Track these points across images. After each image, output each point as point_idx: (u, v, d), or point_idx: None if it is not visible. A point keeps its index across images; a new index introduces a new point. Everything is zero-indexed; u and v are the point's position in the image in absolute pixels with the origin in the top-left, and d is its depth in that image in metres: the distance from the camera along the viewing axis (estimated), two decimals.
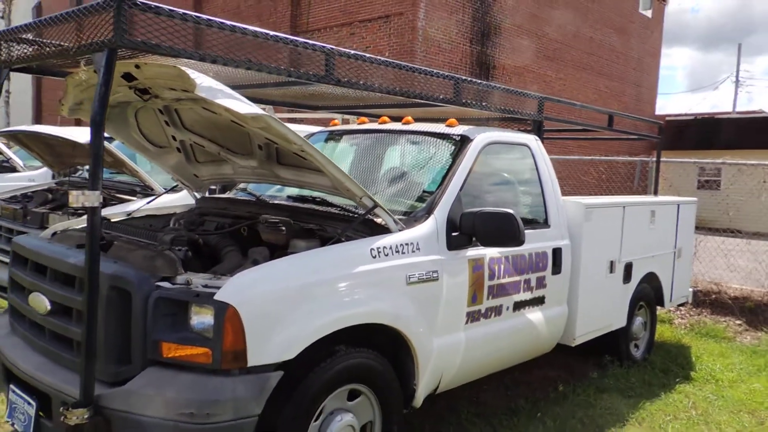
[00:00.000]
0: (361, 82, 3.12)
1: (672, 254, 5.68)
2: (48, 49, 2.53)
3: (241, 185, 4.23)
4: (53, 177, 7.80)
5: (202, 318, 2.37)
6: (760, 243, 8.30)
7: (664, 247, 5.54)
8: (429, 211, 3.26)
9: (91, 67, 2.73)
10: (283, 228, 3.08)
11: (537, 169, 4.14)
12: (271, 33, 2.69)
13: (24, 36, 2.72)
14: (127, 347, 2.40)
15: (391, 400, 2.94)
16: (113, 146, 4.93)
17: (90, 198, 2.22)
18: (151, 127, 3.51)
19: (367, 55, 3.14)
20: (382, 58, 3.22)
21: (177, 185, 4.38)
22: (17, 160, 7.47)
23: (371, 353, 2.84)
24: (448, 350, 3.25)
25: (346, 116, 6.64)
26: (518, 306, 3.75)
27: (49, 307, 2.62)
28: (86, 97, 3.18)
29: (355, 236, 2.93)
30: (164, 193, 4.34)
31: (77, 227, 3.43)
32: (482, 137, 3.75)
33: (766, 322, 6.90)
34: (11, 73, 3.14)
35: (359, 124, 4.38)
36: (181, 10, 2.38)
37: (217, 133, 3.32)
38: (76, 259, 2.57)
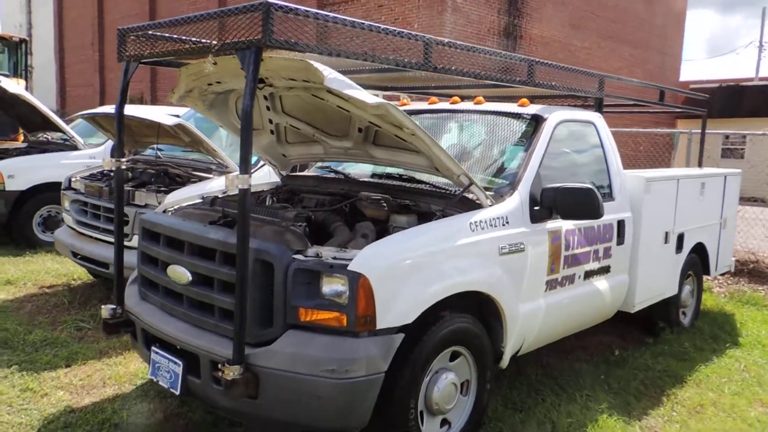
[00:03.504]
0: (453, 68, 3.35)
1: (718, 225, 5.91)
2: (187, 45, 2.79)
3: (319, 163, 4.51)
4: (111, 155, 8.13)
5: (334, 286, 2.67)
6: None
7: (712, 218, 5.77)
8: (513, 187, 3.52)
9: (212, 60, 3.00)
10: (385, 204, 3.36)
11: (602, 144, 4.38)
12: (382, 26, 2.93)
13: (153, 32, 2.98)
14: (269, 313, 2.71)
15: (485, 360, 3.25)
16: (191, 125, 5.21)
17: (242, 180, 2.50)
18: None
19: (459, 42, 3.37)
20: (471, 45, 3.44)
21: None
22: (78, 139, 7.78)
23: (470, 318, 3.14)
24: (531, 315, 3.54)
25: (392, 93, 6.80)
26: (588, 275, 4.03)
27: (190, 278, 2.94)
28: (197, 85, 3.45)
29: (453, 212, 3.20)
30: (254, 170, 4.62)
31: (188, 204, 3.74)
32: (555, 116, 3.98)
33: None
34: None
35: (430, 104, 4.62)
36: (313, 10, 2.62)
37: (316, 116, 3.58)
38: (217, 235, 2.87)
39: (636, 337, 5.23)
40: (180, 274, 2.98)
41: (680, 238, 5.17)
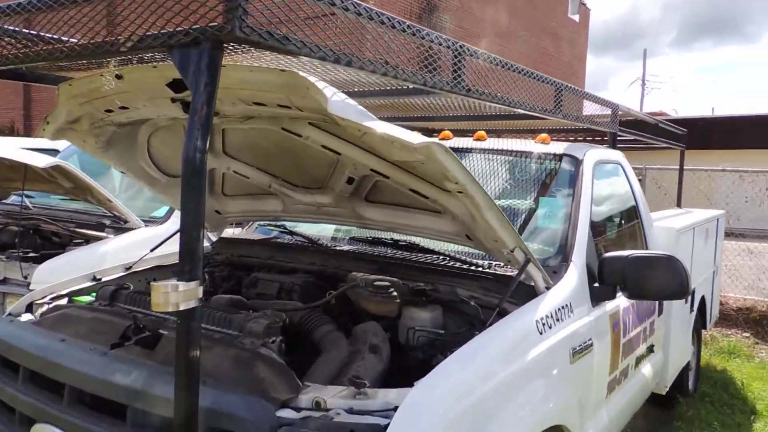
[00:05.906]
0: (486, 91, 2.30)
1: (713, 273, 5.25)
2: (65, 45, 1.52)
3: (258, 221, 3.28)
4: None
5: None
6: None
7: (709, 267, 5.09)
8: (566, 258, 2.49)
9: (115, 69, 1.76)
10: (395, 294, 2.19)
11: (632, 189, 3.49)
12: (407, 22, 1.82)
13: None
14: None
15: None
16: (72, 167, 3.77)
17: (188, 294, 1.27)
18: (167, 152, 2.51)
19: (496, 57, 2.33)
20: (511, 63, 2.41)
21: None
22: None
23: None
24: None
25: None
26: (638, 361, 3.08)
27: None
28: (85, 112, 2.16)
29: (510, 306, 2.10)
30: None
31: (69, 291, 2.38)
32: (590, 156, 3.02)
33: None
34: None
35: None
36: None
37: (278, 159, 2.39)
38: (128, 379, 1.58)
39: (652, 415, 4.33)
40: None
41: (692, 294, 4.39)
